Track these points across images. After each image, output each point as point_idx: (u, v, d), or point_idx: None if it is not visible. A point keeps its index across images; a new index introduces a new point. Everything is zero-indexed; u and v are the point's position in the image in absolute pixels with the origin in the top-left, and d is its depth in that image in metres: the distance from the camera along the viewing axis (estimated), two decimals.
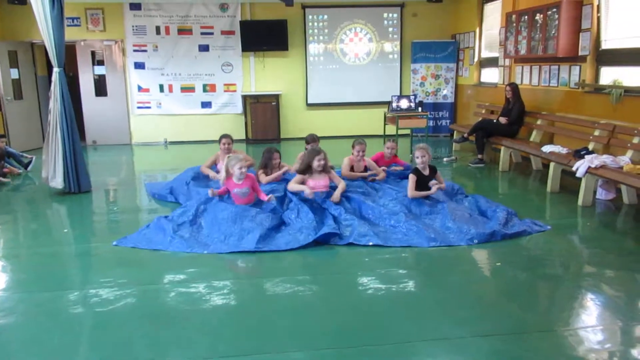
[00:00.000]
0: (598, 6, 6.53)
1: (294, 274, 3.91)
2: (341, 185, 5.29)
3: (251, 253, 4.33)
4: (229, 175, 5.08)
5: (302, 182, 5.29)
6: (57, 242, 4.86)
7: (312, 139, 6.46)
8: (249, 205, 4.95)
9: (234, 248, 4.38)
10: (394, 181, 6.03)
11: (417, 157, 5.29)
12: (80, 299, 3.54)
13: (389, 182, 5.96)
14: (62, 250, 4.62)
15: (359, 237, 4.51)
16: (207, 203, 5.04)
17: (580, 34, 6.79)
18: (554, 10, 6.96)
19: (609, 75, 6.51)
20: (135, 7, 10.40)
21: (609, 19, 6.47)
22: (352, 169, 6.04)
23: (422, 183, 5.26)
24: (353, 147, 6.08)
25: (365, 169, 6.13)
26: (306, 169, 5.32)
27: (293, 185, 5.28)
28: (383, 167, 6.32)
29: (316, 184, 5.25)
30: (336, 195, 5.14)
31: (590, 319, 3.24)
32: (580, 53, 6.82)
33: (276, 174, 5.81)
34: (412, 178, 5.26)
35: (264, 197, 5.05)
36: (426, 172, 5.31)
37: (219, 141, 6.47)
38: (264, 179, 5.72)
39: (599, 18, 6.55)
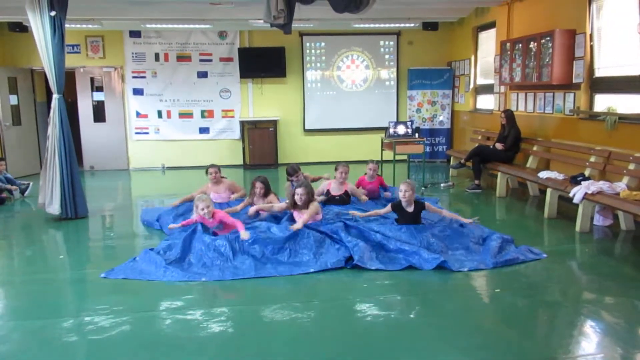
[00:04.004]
0: (591, 35, 6.65)
1: (291, 301, 3.88)
2: (304, 218, 5.02)
3: (248, 279, 4.30)
4: (199, 213, 5.06)
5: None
6: (52, 269, 4.81)
7: (292, 171, 6.25)
8: (234, 238, 4.77)
9: (232, 276, 4.35)
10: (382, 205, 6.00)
11: (400, 191, 5.16)
12: (74, 327, 3.49)
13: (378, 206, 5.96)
14: (58, 276, 4.58)
15: (363, 259, 4.50)
16: (192, 236, 4.91)
17: (574, 62, 6.89)
18: (548, 38, 7.08)
19: (603, 102, 6.59)
20: (135, 34, 10.53)
21: (602, 48, 6.58)
22: (328, 192, 6.03)
23: (406, 219, 5.18)
24: (336, 169, 6.12)
25: (345, 193, 6.12)
26: (294, 204, 5.20)
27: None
28: (363, 192, 6.31)
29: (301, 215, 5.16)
30: (296, 225, 4.87)
31: (591, 347, 3.22)
32: (574, 81, 6.91)
33: (262, 206, 5.61)
34: (386, 209, 5.29)
35: (240, 229, 4.84)
36: (410, 209, 5.16)
37: (206, 172, 6.37)
38: (251, 209, 5.58)
39: (592, 46, 6.66)
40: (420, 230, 4.99)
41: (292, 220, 5.23)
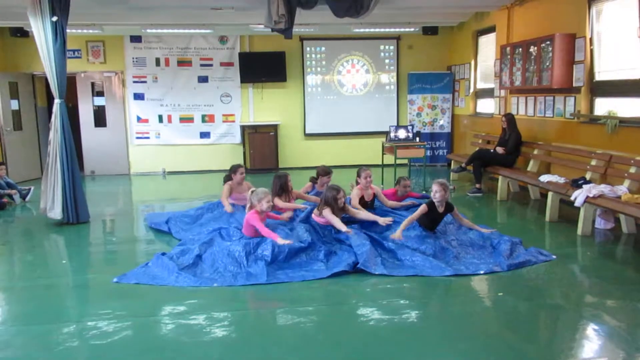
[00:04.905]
0: (591, 39, 6.67)
1: (295, 305, 3.88)
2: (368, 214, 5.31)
3: (253, 285, 4.30)
4: (252, 208, 5.04)
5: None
6: (54, 274, 4.81)
7: (324, 173, 6.27)
8: (250, 243, 4.81)
9: (244, 282, 4.34)
10: (408, 212, 5.99)
11: (435, 192, 5.12)
12: (77, 332, 3.49)
13: (402, 215, 5.94)
14: (60, 281, 4.58)
15: (368, 264, 4.50)
16: (209, 245, 4.94)
17: (574, 65, 6.91)
18: (548, 42, 7.09)
19: (603, 106, 6.61)
20: (136, 39, 10.56)
21: (602, 52, 6.60)
22: (361, 198, 5.95)
23: (433, 219, 5.18)
24: (359, 175, 5.89)
25: (374, 197, 6.09)
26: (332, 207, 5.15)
27: (337, 222, 5.10)
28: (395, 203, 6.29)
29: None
30: (383, 220, 5.12)
31: (593, 350, 3.21)
32: (574, 84, 6.92)
33: (294, 205, 5.73)
34: (422, 208, 5.10)
35: (275, 237, 4.81)
36: (440, 210, 5.15)
37: (235, 171, 6.36)
38: (281, 204, 5.66)
39: (592, 50, 6.68)
40: (433, 236, 5.01)
41: (307, 221, 5.26)
